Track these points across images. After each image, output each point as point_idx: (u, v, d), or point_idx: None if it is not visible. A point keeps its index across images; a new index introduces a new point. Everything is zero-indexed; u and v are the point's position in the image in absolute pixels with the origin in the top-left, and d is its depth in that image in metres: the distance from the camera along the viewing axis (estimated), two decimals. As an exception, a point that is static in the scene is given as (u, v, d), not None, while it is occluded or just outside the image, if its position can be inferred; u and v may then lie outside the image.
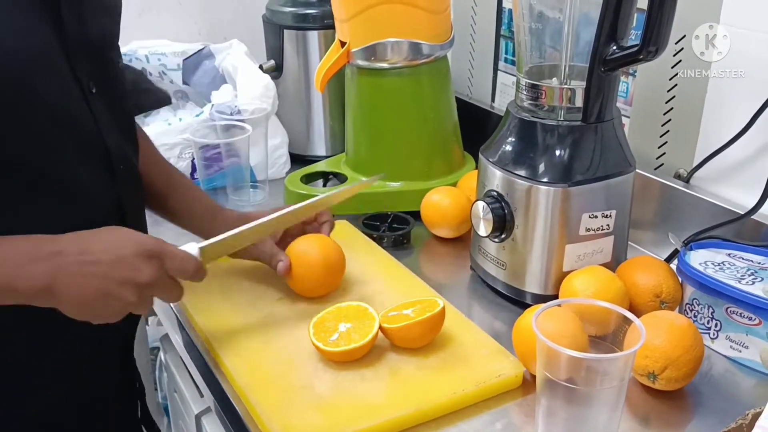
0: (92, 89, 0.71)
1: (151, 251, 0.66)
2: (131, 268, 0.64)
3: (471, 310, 0.91)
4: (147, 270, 0.65)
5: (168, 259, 0.67)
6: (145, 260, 0.65)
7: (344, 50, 1.08)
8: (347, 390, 0.72)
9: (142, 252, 0.65)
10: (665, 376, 0.71)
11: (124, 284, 0.64)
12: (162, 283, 0.67)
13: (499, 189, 0.87)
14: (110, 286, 0.63)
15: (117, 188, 0.76)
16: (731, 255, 0.84)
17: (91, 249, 0.64)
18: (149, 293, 0.66)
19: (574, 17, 0.83)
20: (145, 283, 0.65)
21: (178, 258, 0.68)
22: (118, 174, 0.76)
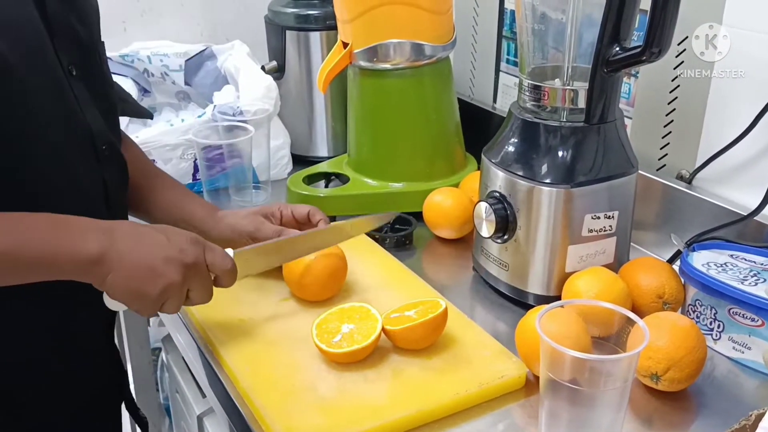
0: (72, 72, 0.74)
1: (196, 239, 0.72)
2: (178, 249, 0.69)
3: (473, 311, 0.91)
4: (193, 252, 0.70)
5: (209, 251, 0.72)
6: (192, 244, 0.71)
7: (347, 51, 1.08)
8: (350, 391, 0.72)
9: (188, 237, 0.71)
10: (668, 377, 0.71)
11: (171, 262, 0.68)
12: (201, 273, 0.71)
13: (501, 190, 0.87)
14: (158, 262, 0.67)
15: (101, 169, 0.78)
16: (734, 256, 0.84)
17: (142, 230, 0.70)
18: (190, 278, 0.70)
19: (576, 18, 0.83)
20: (190, 263, 0.69)
21: (219, 252, 0.73)
22: (102, 153, 0.78)
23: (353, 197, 1.12)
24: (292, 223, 0.91)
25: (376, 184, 1.12)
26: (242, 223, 0.89)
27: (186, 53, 1.36)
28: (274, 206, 0.92)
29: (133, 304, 0.69)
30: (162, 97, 1.39)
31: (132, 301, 0.69)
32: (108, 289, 0.68)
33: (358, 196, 1.12)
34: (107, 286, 0.67)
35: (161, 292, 0.68)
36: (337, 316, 0.78)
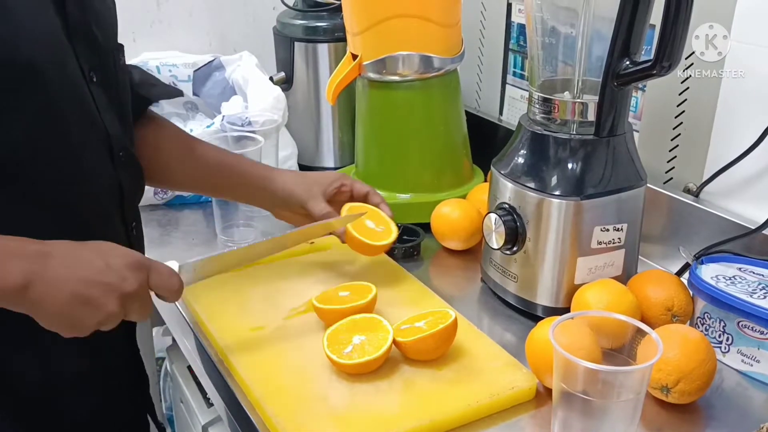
0: (93, 78, 0.74)
1: (139, 262, 0.66)
2: (119, 277, 0.64)
3: (482, 322, 0.92)
4: (134, 280, 0.65)
5: (155, 273, 0.67)
6: (133, 270, 0.65)
7: (356, 63, 1.09)
8: (361, 402, 0.72)
9: (131, 262, 0.65)
10: (678, 390, 0.71)
11: (110, 292, 0.63)
12: (142, 299, 0.66)
13: (511, 201, 0.88)
14: (95, 292, 0.62)
15: (117, 172, 0.78)
16: (742, 269, 0.85)
17: (80, 254, 0.64)
18: (129, 305, 0.65)
19: (587, 32, 0.84)
20: (129, 293, 0.64)
21: (165, 273, 0.69)
22: (118, 159, 0.78)
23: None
24: (347, 200, 0.94)
25: (383, 195, 1.12)
26: (297, 191, 0.91)
27: (194, 64, 1.36)
28: (336, 177, 0.94)
29: (66, 332, 0.64)
30: (170, 107, 1.40)
31: (64, 330, 0.64)
32: (38, 319, 0.63)
33: (366, 206, 1.12)
34: (37, 316, 0.63)
35: (98, 324, 0.64)
36: (348, 328, 0.78)
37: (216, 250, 1.09)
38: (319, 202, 0.90)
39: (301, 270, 0.96)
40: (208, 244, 1.13)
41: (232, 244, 1.11)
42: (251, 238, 1.12)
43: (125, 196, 0.80)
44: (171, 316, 0.95)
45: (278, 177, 0.94)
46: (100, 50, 0.76)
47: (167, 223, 1.19)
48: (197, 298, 0.89)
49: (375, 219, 0.94)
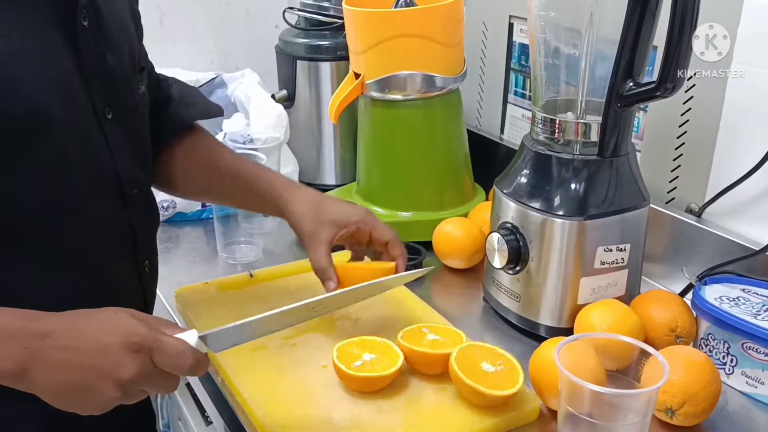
0: (108, 115, 0.71)
1: (140, 344, 0.58)
2: (114, 362, 0.57)
3: (484, 341, 0.90)
4: (132, 365, 0.57)
5: (158, 354, 0.59)
6: (132, 354, 0.58)
7: (359, 82, 1.09)
8: (365, 421, 0.71)
9: (129, 344, 0.58)
10: (683, 412, 0.71)
11: (105, 379, 0.57)
12: (151, 378, 0.59)
13: (513, 221, 0.88)
14: (90, 379, 0.57)
15: (129, 214, 0.75)
16: (746, 290, 0.84)
17: (79, 334, 0.59)
18: (134, 389, 0.59)
19: (590, 53, 0.84)
20: (128, 380, 0.57)
21: (172, 353, 0.59)
22: (131, 199, 0.75)
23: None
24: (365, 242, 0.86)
25: (385, 213, 1.13)
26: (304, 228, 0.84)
27: (197, 81, 1.37)
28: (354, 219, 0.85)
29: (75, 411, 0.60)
30: (172, 123, 1.40)
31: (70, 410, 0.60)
32: (41, 396, 0.59)
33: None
34: (39, 396, 0.59)
35: (101, 408, 0.59)
36: (358, 345, 0.78)
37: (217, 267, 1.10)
38: (320, 251, 0.81)
39: (303, 287, 0.96)
40: (209, 262, 1.13)
41: (233, 261, 1.11)
42: (252, 255, 1.12)
43: (138, 236, 0.77)
44: (171, 333, 0.94)
45: (292, 204, 0.86)
46: (117, 82, 0.73)
47: (168, 239, 1.19)
48: (197, 317, 0.89)
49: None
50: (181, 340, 0.60)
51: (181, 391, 1.27)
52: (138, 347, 0.58)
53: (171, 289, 0.97)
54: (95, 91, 0.69)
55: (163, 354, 0.59)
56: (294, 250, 1.15)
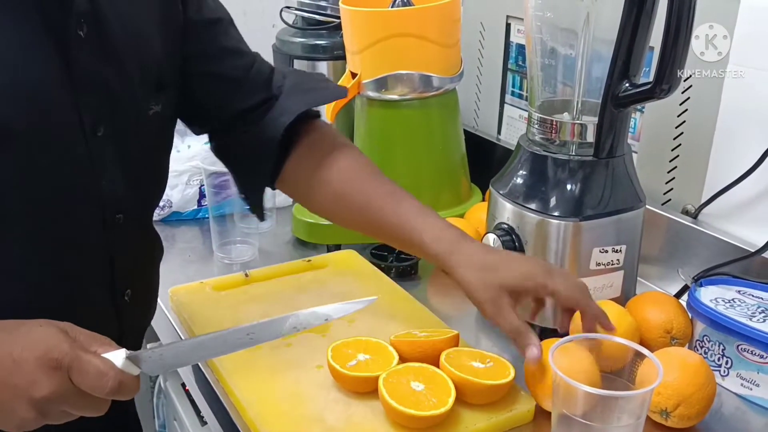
0: (98, 132, 0.66)
1: (58, 361, 0.53)
2: (28, 379, 0.53)
3: (479, 342, 0.91)
4: (45, 383, 0.53)
5: (77, 373, 0.53)
6: (47, 371, 0.53)
7: (355, 81, 1.09)
8: (359, 423, 0.71)
9: (46, 361, 0.53)
10: (678, 414, 0.71)
11: (18, 397, 0.53)
12: (71, 398, 0.54)
13: (509, 222, 0.88)
14: (2, 395, 0.53)
15: (107, 239, 0.70)
16: (741, 292, 0.84)
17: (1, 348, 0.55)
18: (51, 409, 0.54)
19: (586, 54, 0.84)
20: (42, 398, 0.53)
21: (92, 372, 0.54)
22: (111, 223, 0.70)
23: (358, 226, 1.12)
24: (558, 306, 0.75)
25: (381, 214, 1.12)
26: (476, 294, 0.73)
27: (193, 80, 1.36)
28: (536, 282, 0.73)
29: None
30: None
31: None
32: None
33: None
34: None
35: (18, 428, 0.55)
36: (354, 345, 0.77)
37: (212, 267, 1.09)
38: (509, 314, 0.71)
39: (298, 287, 0.96)
40: (205, 261, 1.12)
41: (228, 261, 1.11)
42: (248, 255, 1.12)
43: (115, 263, 0.71)
44: (165, 332, 0.94)
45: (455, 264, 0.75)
46: (116, 98, 0.67)
47: (164, 239, 1.17)
48: (192, 317, 0.89)
49: None
50: (106, 359, 0.54)
51: (176, 392, 1.27)
52: (56, 364, 0.53)
53: (166, 289, 0.97)
54: (85, 105, 0.64)
55: (81, 373, 0.53)
56: (290, 250, 1.14)
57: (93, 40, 0.64)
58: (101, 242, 0.70)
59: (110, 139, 0.67)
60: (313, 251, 1.12)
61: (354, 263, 1.03)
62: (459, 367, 0.73)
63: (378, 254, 1.07)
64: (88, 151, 0.65)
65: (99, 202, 0.68)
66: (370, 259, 1.05)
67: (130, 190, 0.71)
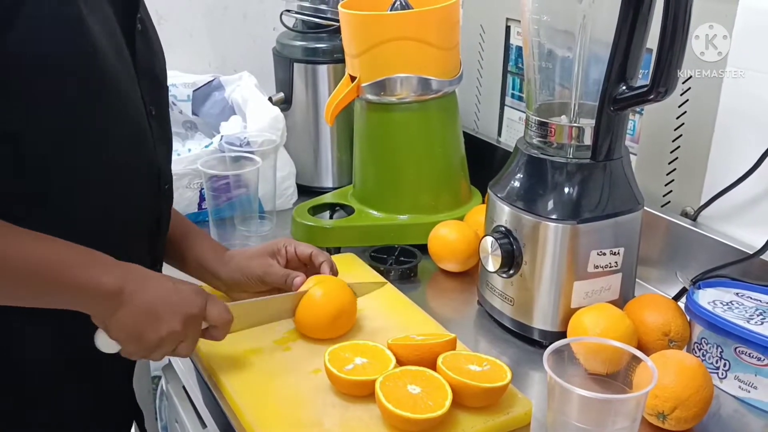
0: (152, 112, 0.78)
1: (200, 290, 0.73)
2: (185, 299, 0.71)
3: (478, 345, 0.91)
4: (197, 304, 0.71)
5: (211, 305, 0.73)
6: (197, 295, 0.72)
7: (354, 84, 1.09)
8: (356, 426, 0.71)
9: (196, 289, 0.73)
10: (675, 416, 0.71)
11: (176, 312, 0.69)
12: (197, 326, 0.72)
13: (507, 225, 0.88)
14: (164, 308, 0.69)
15: (159, 206, 0.81)
16: (739, 294, 0.84)
17: (151, 275, 0.71)
18: (189, 329, 0.71)
19: (583, 56, 0.84)
20: (193, 315, 0.71)
21: (221, 307, 0.75)
22: (164, 191, 0.81)
23: (358, 228, 1.12)
24: (296, 263, 0.90)
25: (381, 216, 1.13)
26: (251, 266, 0.88)
27: (194, 83, 1.37)
28: (280, 243, 0.91)
29: (129, 346, 0.70)
30: (169, 126, 1.40)
31: (129, 343, 0.69)
32: (111, 327, 0.68)
33: (363, 227, 1.12)
34: (112, 323, 0.68)
35: (160, 339, 0.69)
36: (351, 349, 0.78)
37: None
38: (276, 268, 0.88)
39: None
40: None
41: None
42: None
43: (161, 228, 0.83)
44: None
45: (231, 258, 0.90)
46: (158, 86, 0.81)
47: (164, 242, 1.19)
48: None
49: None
50: None
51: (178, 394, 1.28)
52: (200, 292, 0.73)
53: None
54: (144, 87, 0.76)
55: (215, 305, 0.74)
56: (290, 253, 1.14)
57: (144, 34, 0.77)
58: (156, 210, 0.81)
59: (157, 120, 0.79)
60: (313, 254, 1.12)
61: (353, 266, 1.03)
62: (456, 370, 0.73)
63: (377, 257, 1.07)
64: (149, 129, 0.77)
65: (158, 174, 0.80)
66: (369, 262, 1.05)
67: (168, 164, 0.84)
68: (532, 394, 0.79)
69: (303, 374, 0.79)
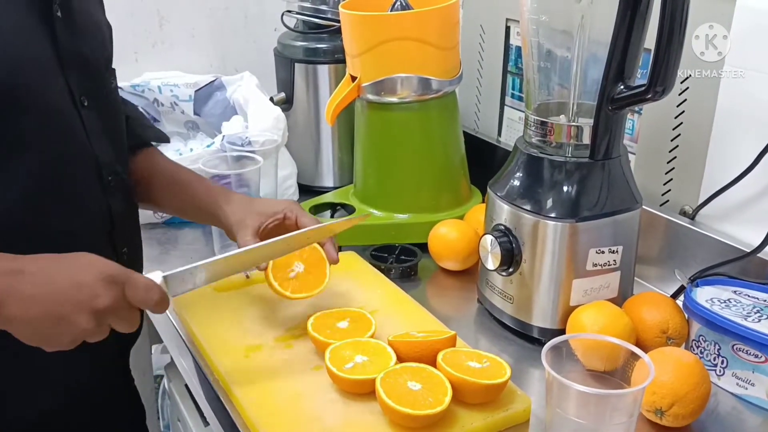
0: (84, 102, 0.74)
1: (113, 276, 0.63)
2: (90, 294, 0.62)
3: (478, 343, 0.92)
4: (106, 296, 0.62)
5: (130, 287, 0.64)
6: (106, 285, 0.63)
7: (355, 84, 1.10)
8: (357, 423, 0.72)
9: (104, 277, 0.63)
10: (672, 413, 0.71)
11: (81, 310, 0.61)
12: (121, 311, 0.64)
13: (507, 223, 0.88)
14: (65, 310, 0.61)
15: (106, 198, 0.78)
16: (737, 292, 0.85)
17: (51, 272, 0.63)
18: (106, 321, 0.63)
19: (582, 56, 0.85)
20: (103, 309, 0.62)
21: (142, 286, 0.65)
22: (107, 184, 0.78)
23: (359, 228, 1.12)
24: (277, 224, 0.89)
25: (381, 215, 1.14)
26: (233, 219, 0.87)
27: (196, 84, 1.38)
28: (281, 207, 0.88)
29: (47, 348, 0.64)
30: (171, 126, 1.41)
31: (44, 346, 0.64)
32: (16, 335, 0.62)
33: (364, 226, 1.12)
34: (15, 333, 0.62)
35: (72, 340, 0.63)
36: (352, 347, 0.78)
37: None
38: (246, 234, 0.84)
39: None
40: (207, 263, 1.13)
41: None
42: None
43: (115, 220, 0.80)
44: (169, 334, 0.95)
45: (226, 204, 0.90)
46: (93, 75, 0.77)
47: (166, 241, 1.20)
48: (193, 317, 0.90)
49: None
50: (149, 278, 0.66)
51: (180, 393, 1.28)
52: (113, 279, 0.63)
53: (168, 290, 0.98)
54: (71, 78, 0.72)
55: (135, 287, 0.64)
56: (291, 252, 1.15)
57: (68, 21, 0.73)
58: (103, 203, 0.78)
59: (94, 110, 0.76)
60: (314, 253, 1.13)
61: (354, 264, 1.03)
62: (456, 367, 0.73)
63: (378, 255, 1.08)
64: (81, 120, 0.74)
65: (96, 164, 0.76)
66: (370, 261, 1.06)
67: (115, 153, 0.80)
68: (531, 391, 0.79)
69: (305, 371, 0.79)
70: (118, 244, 0.82)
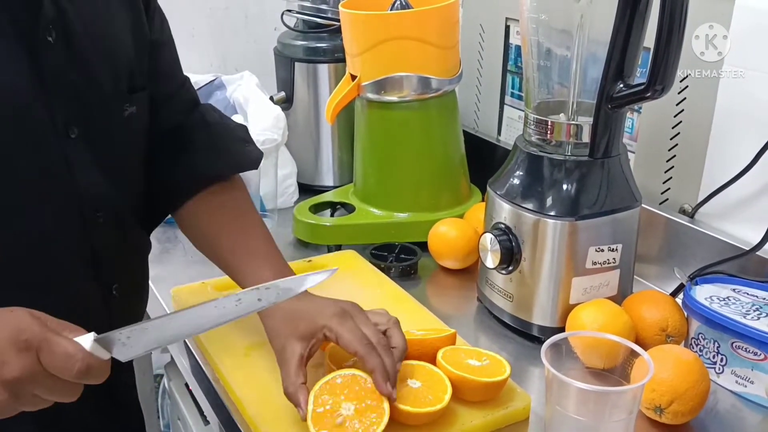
0: (71, 134, 0.68)
1: (27, 342, 0.53)
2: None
3: (478, 341, 0.92)
4: (15, 364, 0.52)
5: (45, 354, 0.53)
6: (17, 352, 0.52)
7: (355, 83, 1.10)
8: (356, 420, 0.72)
9: (16, 342, 0.53)
10: (672, 410, 0.72)
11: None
12: (41, 380, 0.53)
13: (506, 221, 0.89)
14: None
15: (88, 236, 0.72)
16: (736, 290, 0.85)
17: None
18: (22, 391, 0.53)
19: (581, 55, 0.85)
20: (12, 379, 0.52)
21: (60, 354, 0.53)
22: (91, 221, 0.72)
23: (359, 226, 1.13)
24: None
25: (381, 214, 1.14)
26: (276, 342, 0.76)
27: (196, 83, 1.37)
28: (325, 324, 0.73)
29: None
30: (171, 125, 1.41)
31: None
32: None
33: (364, 225, 1.13)
34: None
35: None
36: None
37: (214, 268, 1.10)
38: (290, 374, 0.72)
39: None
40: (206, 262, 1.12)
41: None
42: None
43: (101, 258, 0.74)
44: (168, 333, 0.95)
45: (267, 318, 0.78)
46: (88, 101, 0.69)
47: (166, 240, 1.20)
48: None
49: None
50: (74, 342, 0.54)
51: (180, 392, 1.29)
52: (25, 345, 0.53)
53: (168, 289, 0.98)
54: (57, 105, 0.66)
55: (50, 354, 0.53)
56: (291, 251, 1.15)
57: (62, 45, 0.66)
58: (83, 239, 0.71)
59: (84, 141, 0.69)
60: (314, 252, 1.13)
61: (354, 263, 1.04)
62: (456, 365, 0.74)
63: (378, 254, 1.08)
64: (62, 153, 0.68)
65: (78, 201, 0.70)
66: (370, 260, 1.06)
67: (111, 189, 0.73)
68: (531, 389, 0.79)
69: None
70: (106, 282, 0.75)
